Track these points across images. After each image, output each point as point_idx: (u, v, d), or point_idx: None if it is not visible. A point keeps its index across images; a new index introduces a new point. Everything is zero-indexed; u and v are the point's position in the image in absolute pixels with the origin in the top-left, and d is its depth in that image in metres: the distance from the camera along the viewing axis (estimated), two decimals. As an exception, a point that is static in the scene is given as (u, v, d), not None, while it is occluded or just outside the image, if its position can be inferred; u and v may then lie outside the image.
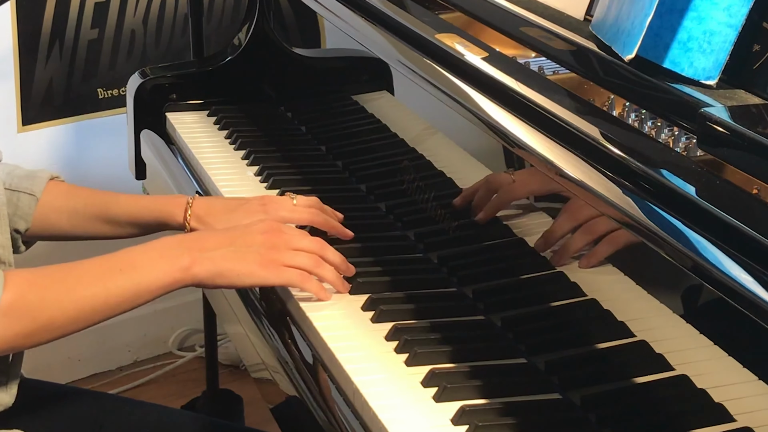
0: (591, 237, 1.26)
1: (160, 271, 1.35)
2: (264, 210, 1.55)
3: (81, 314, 1.32)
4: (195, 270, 1.36)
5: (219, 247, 1.38)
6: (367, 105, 1.88)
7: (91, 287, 1.33)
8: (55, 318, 1.31)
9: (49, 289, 1.32)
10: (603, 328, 1.24)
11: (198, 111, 2.11)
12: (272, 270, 1.38)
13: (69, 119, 2.68)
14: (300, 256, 1.40)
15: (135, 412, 1.65)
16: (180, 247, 1.37)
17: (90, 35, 2.65)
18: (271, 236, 1.41)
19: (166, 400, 2.56)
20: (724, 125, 1.10)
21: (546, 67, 1.44)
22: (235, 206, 1.57)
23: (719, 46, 1.21)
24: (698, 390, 1.11)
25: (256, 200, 1.58)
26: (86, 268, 1.36)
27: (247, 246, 1.39)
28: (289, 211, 1.56)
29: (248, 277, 1.38)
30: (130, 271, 1.35)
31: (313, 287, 1.40)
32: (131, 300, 1.35)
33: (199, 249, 1.37)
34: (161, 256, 1.36)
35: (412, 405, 1.21)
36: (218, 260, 1.37)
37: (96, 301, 1.33)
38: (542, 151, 1.28)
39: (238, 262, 1.38)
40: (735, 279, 0.99)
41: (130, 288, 1.34)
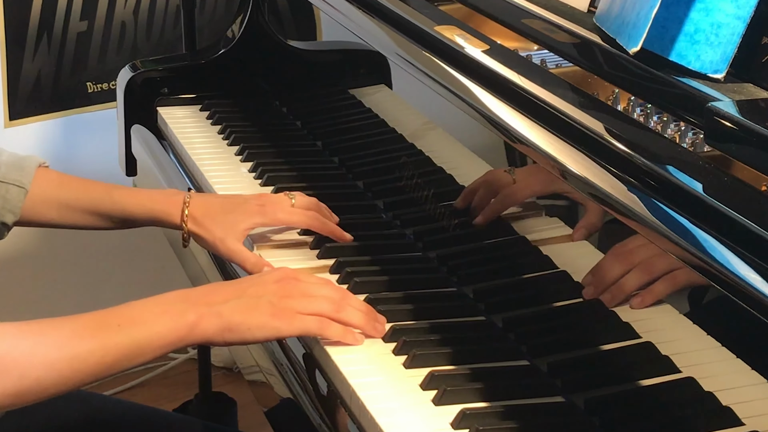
0: (648, 276, 1.20)
1: (163, 327, 1.26)
2: (262, 212, 1.55)
3: (72, 374, 1.23)
4: (202, 326, 1.27)
5: (227, 300, 1.29)
6: (364, 99, 1.88)
7: (85, 344, 1.23)
8: (43, 378, 1.21)
9: (37, 345, 1.22)
10: (607, 330, 1.24)
11: (190, 105, 2.11)
12: (285, 319, 1.29)
13: (57, 114, 2.68)
14: (318, 301, 1.31)
15: (126, 415, 1.65)
16: (185, 302, 1.29)
17: (79, 27, 2.64)
18: (285, 284, 1.32)
19: (158, 402, 2.56)
20: (732, 120, 1.10)
21: (549, 60, 1.44)
22: (233, 207, 1.56)
23: (727, 38, 1.21)
24: (705, 393, 1.11)
25: (254, 200, 1.58)
26: (80, 323, 1.26)
27: (258, 296, 1.30)
28: (287, 214, 1.56)
29: (259, 330, 1.29)
30: (129, 327, 1.25)
31: (335, 332, 1.30)
32: (129, 359, 1.25)
33: (206, 303, 1.28)
34: (164, 311, 1.27)
35: (411, 408, 1.21)
36: (226, 314, 1.28)
37: (91, 359, 1.23)
38: (544, 147, 1.28)
39: (249, 314, 1.29)
40: (743, 278, 0.99)
41: (129, 345, 1.25)
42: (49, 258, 2.70)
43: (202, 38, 2.44)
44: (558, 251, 1.34)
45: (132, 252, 2.79)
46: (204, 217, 1.55)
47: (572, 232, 1.30)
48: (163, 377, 2.88)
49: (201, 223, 1.54)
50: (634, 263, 1.20)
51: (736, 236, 1.01)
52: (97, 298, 2.79)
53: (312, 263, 1.53)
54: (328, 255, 1.54)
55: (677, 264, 1.08)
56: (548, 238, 1.37)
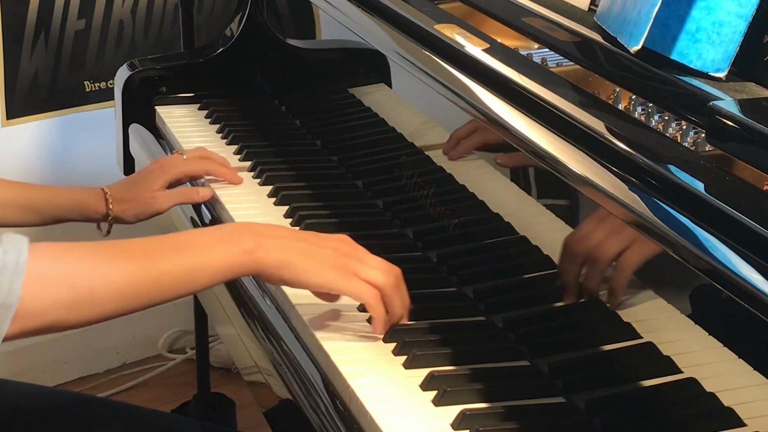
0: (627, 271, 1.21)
1: (220, 251, 1.24)
2: (163, 170, 1.72)
3: (128, 289, 1.19)
4: (259, 254, 1.25)
5: (289, 238, 1.29)
6: (363, 98, 1.88)
7: (139, 261, 1.20)
8: (96, 288, 1.17)
9: (85, 258, 1.18)
10: (608, 330, 1.24)
11: (188, 104, 2.11)
12: (344, 275, 1.28)
13: (55, 113, 2.68)
14: (377, 272, 1.30)
15: (123, 416, 1.65)
16: (244, 231, 1.29)
17: (77, 26, 2.64)
18: (345, 244, 1.32)
19: (156, 403, 2.56)
20: (733, 119, 1.10)
21: (549, 59, 1.44)
22: (140, 178, 1.74)
23: (729, 37, 1.21)
24: (707, 393, 1.11)
25: (152, 164, 1.76)
26: (131, 243, 1.23)
27: (321, 246, 1.29)
28: (184, 165, 1.74)
29: (317, 276, 1.27)
30: (184, 250, 1.24)
31: (379, 314, 1.30)
32: (186, 282, 1.23)
33: (266, 235, 1.28)
34: (221, 239, 1.27)
35: (411, 409, 1.21)
36: (288, 250, 1.27)
37: (145, 276, 1.20)
38: (545, 146, 1.28)
39: (309, 256, 1.27)
40: (745, 278, 0.99)
41: (185, 267, 1.22)
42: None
43: (200, 37, 2.44)
44: (559, 251, 1.34)
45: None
46: (124, 194, 1.70)
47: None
48: (162, 378, 2.88)
49: (124, 199, 1.69)
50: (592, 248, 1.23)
51: (737, 236, 1.01)
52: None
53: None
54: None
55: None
56: (549, 237, 1.37)
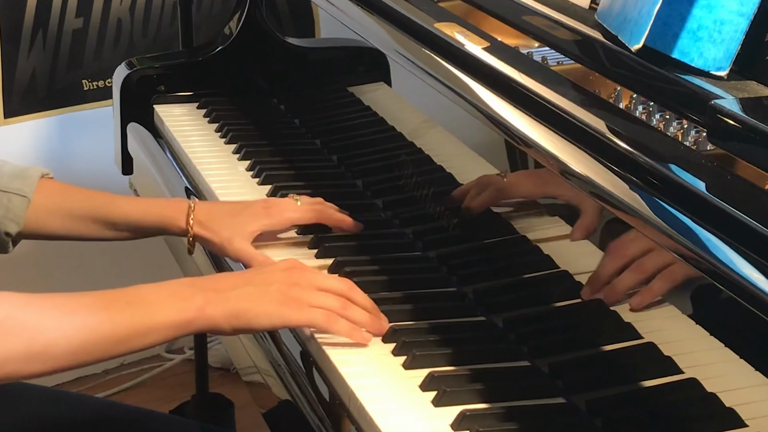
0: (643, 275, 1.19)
1: (171, 309, 1.26)
2: (268, 213, 1.56)
3: (83, 344, 1.22)
4: (209, 311, 1.27)
5: (235, 287, 1.30)
6: (363, 97, 1.88)
7: (94, 316, 1.23)
8: (52, 344, 1.20)
9: (47, 311, 1.22)
10: (609, 330, 1.23)
11: (187, 103, 2.11)
12: (294, 307, 1.30)
13: (53, 112, 2.68)
14: (325, 296, 1.32)
15: (121, 417, 1.65)
16: (193, 286, 1.30)
17: (75, 24, 2.64)
18: (292, 273, 1.33)
19: (154, 404, 2.56)
20: (735, 118, 1.10)
21: (550, 57, 1.44)
22: (239, 210, 1.58)
23: (730, 35, 1.21)
24: (708, 394, 1.10)
25: (260, 203, 1.60)
26: (88, 297, 1.26)
27: (266, 284, 1.31)
28: (293, 211, 1.58)
29: (267, 318, 1.29)
30: (137, 306, 1.26)
31: (342, 328, 1.31)
32: (140, 337, 1.25)
33: (214, 289, 1.29)
34: (171, 293, 1.28)
35: (411, 409, 1.21)
36: (233, 300, 1.28)
37: (100, 331, 1.23)
38: (546, 145, 1.28)
39: (257, 301, 1.29)
40: (746, 278, 0.99)
41: (139, 322, 1.25)
42: (44, 258, 2.70)
43: (199, 35, 2.44)
44: (559, 251, 1.34)
45: (128, 251, 2.79)
46: (210, 221, 1.55)
47: (571, 231, 1.30)
48: (160, 378, 2.88)
49: (207, 226, 1.55)
50: (630, 260, 1.19)
51: (739, 235, 1.01)
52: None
53: (310, 262, 1.53)
54: (326, 254, 1.54)
55: (673, 260, 1.08)
56: (549, 237, 1.37)
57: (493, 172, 1.46)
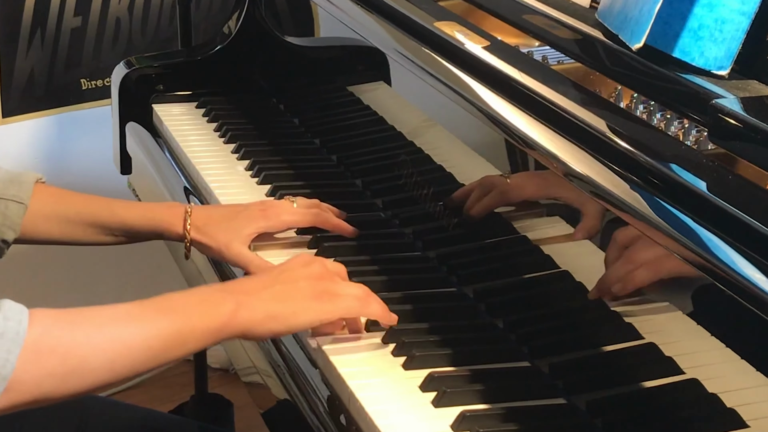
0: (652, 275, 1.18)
1: (203, 315, 1.22)
2: (264, 215, 1.56)
3: (118, 357, 1.18)
4: (242, 314, 1.23)
5: (263, 289, 1.27)
6: (363, 96, 1.88)
7: (128, 327, 1.19)
8: (88, 358, 1.17)
9: (78, 326, 1.18)
10: (610, 330, 1.23)
11: (186, 102, 2.11)
12: (327, 300, 1.27)
13: (51, 111, 2.68)
14: (349, 286, 1.32)
15: (121, 416, 1.65)
16: (222, 291, 1.27)
17: (73, 23, 2.64)
18: (313, 267, 1.31)
19: (153, 404, 2.55)
20: (736, 117, 1.10)
21: (550, 56, 1.44)
22: (235, 213, 1.57)
23: (731, 34, 1.20)
24: (709, 394, 1.10)
25: (256, 206, 1.59)
26: (119, 309, 1.22)
27: (293, 281, 1.28)
28: (290, 214, 1.57)
29: (305, 314, 1.26)
30: (168, 314, 1.22)
31: (376, 310, 1.30)
32: (173, 347, 1.21)
33: (245, 292, 1.26)
34: (202, 300, 1.24)
35: (411, 410, 1.21)
36: (268, 301, 1.25)
37: (135, 342, 1.19)
38: (546, 145, 1.28)
39: (290, 300, 1.26)
40: (747, 278, 0.99)
41: (171, 333, 1.20)
42: (42, 259, 2.70)
43: (198, 34, 2.44)
44: (560, 251, 1.34)
45: (127, 252, 2.78)
46: (206, 226, 1.55)
47: (573, 232, 1.30)
48: (159, 378, 2.87)
49: (204, 231, 1.54)
50: (635, 261, 1.19)
51: (740, 235, 1.01)
52: (90, 297, 2.79)
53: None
54: (325, 254, 1.54)
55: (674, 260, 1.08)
56: (550, 237, 1.37)
57: (493, 171, 1.46)
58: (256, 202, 1.63)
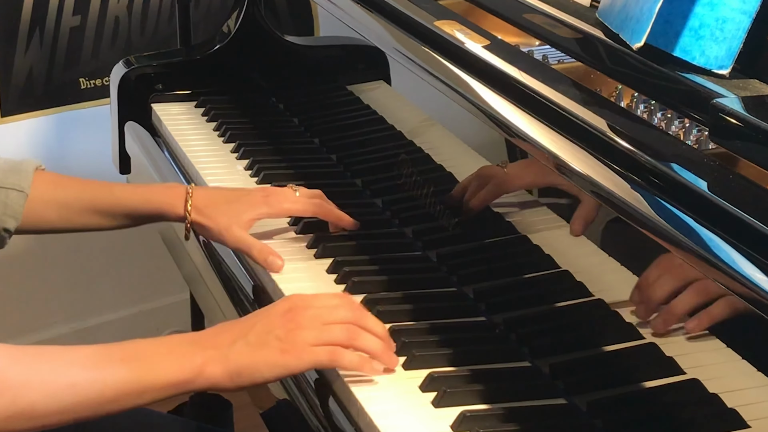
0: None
1: (169, 367, 1.21)
2: (267, 202, 1.56)
3: (70, 404, 1.18)
4: (209, 371, 1.22)
5: (234, 341, 1.24)
6: (362, 95, 1.88)
7: (85, 373, 1.19)
8: (37, 403, 1.16)
9: (34, 369, 1.17)
10: (610, 330, 1.23)
11: (185, 102, 2.11)
12: (295, 354, 1.23)
13: (50, 110, 2.68)
14: (331, 330, 1.25)
15: (120, 416, 1.64)
16: (192, 344, 1.24)
17: (72, 22, 2.64)
18: (294, 315, 1.26)
19: (153, 404, 2.55)
20: (737, 117, 1.10)
21: (550, 55, 1.44)
22: (237, 197, 1.57)
23: (732, 33, 1.20)
24: (710, 395, 1.10)
25: (258, 191, 1.59)
26: (81, 352, 1.21)
27: (267, 332, 1.24)
28: (292, 203, 1.57)
29: (269, 370, 1.23)
30: (132, 363, 1.20)
31: (350, 362, 1.25)
32: (132, 396, 1.21)
33: (213, 346, 1.23)
34: (170, 351, 1.23)
35: (411, 410, 1.21)
36: (234, 357, 1.23)
37: (89, 390, 1.18)
38: (546, 144, 1.27)
39: (256, 354, 1.23)
40: (749, 278, 0.99)
41: (132, 381, 1.20)
42: (41, 257, 2.70)
43: (197, 33, 2.43)
44: (560, 250, 1.34)
45: (126, 251, 2.79)
46: (207, 207, 1.54)
47: (570, 222, 1.29)
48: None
49: (205, 212, 1.54)
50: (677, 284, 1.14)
51: (741, 235, 1.01)
52: (90, 297, 2.79)
53: (309, 262, 1.53)
54: (325, 254, 1.54)
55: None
56: (550, 236, 1.37)
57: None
58: (258, 187, 1.63)
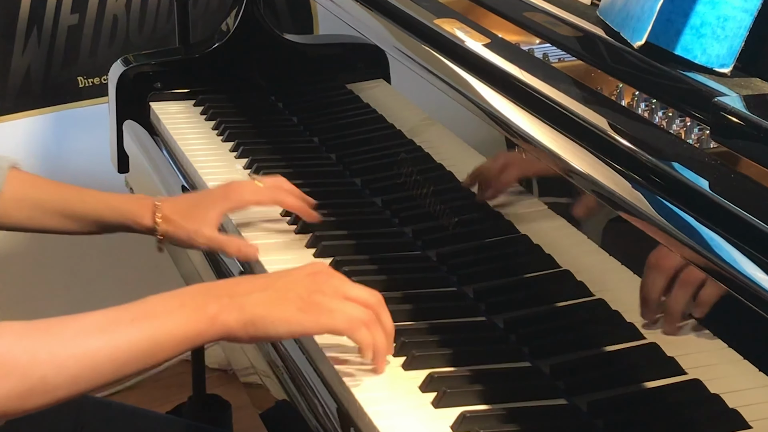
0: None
1: (181, 320, 1.19)
2: (226, 197, 1.59)
3: (81, 372, 1.16)
4: (223, 318, 1.20)
5: (252, 292, 1.23)
6: (362, 94, 1.88)
7: (93, 340, 1.17)
8: (48, 376, 1.15)
9: (41, 342, 1.16)
10: (611, 330, 1.23)
11: (184, 100, 2.11)
12: (313, 314, 1.22)
13: (48, 109, 2.68)
14: (351, 305, 1.24)
15: (118, 417, 1.65)
16: (206, 294, 1.23)
17: (70, 20, 2.64)
18: (317, 277, 1.26)
19: (151, 405, 2.55)
20: (738, 115, 1.10)
21: (551, 54, 1.44)
22: (198, 200, 1.61)
23: (734, 31, 1.20)
24: (711, 395, 1.10)
25: (218, 188, 1.63)
26: (89, 319, 1.19)
27: (287, 289, 1.23)
28: (252, 194, 1.60)
29: (283, 324, 1.22)
30: (143, 321, 1.19)
31: (364, 337, 1.23)
32: (144, 356, 1.19)
33: (228, 295, 1.22)
34: (182, 304, 1.21)
35: (410, 411, 1.21)
36: (249, 306, 1.21)
37: (99, 356, 1.16)
38: (547, 143, 1.28)
39: (274, 307, 1.22)
40: (750, 278, 0.99)
41: (143, 340, 1.18)
42: (39, 257, 2.70)
43: (195, 32, 2.43)
44: (561, 250, 1.34)
45: (125, 250, 2.79)
46: (174, 215, 1.57)
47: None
48: (156, 379, 2.87)
49: (172, 221, 1.57)
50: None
51: (743, 234, 1.01)
52: (88, 298, 2.78)
53: (308, 262, 1.53)
54: (324, 253, 1.54)
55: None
56: (550, 235, 1.37)
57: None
58: (219, 185, 1.65)
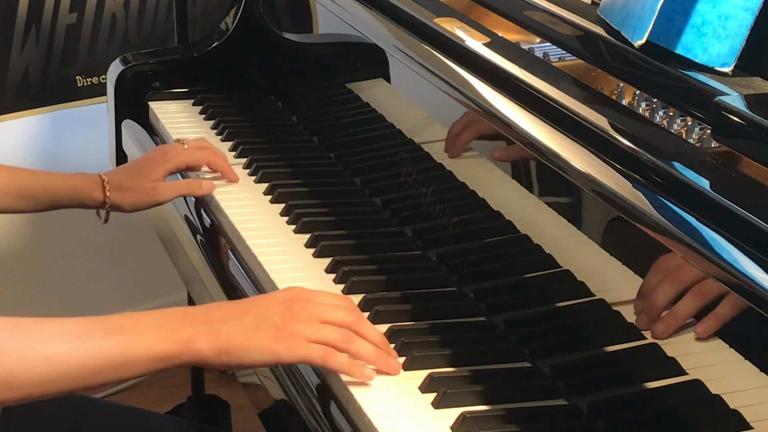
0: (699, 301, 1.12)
1: (155, 340, 1.20)
2: (165, 158, 1.74)
3: (50, 375, 1.16)
4: (197, 345, 1.21)
5: (228, 320, 1.24)
6: (362, 93, 1.88)
7: (65, 345, 1.18)
8: (15, 373, 1.15)
9: (12, 338, 1.16)
10: (611, 330, 1.23)
11: (182, 100, 2.11)
12: (287, 343, 1.23)
13: (46, 108, 2.68)
14: (326, 329, 1.25)
15: (117, 417, 1.65)
16: (182, 317, 1.24)
17: (68, 19, 2.64)
18: (293, 305, 1.26)
19: (150, 405, 2.55)
20: (739, 115, 1.10)
21: (551, 53, 1.44)
22: (140, 165, 1.75)
23: (735, 30, 1.20)
24: (712, 396, 1.10)
25: (153, 152, 1.78)
26: (65, 324, 1.20)
27: (262, 318, 1.24)
28: (185, 155, 1.76)
29: (258, 354, 1.23)
30: (118, 335, 1.20)
31: (340, 364, 1.24)
32: (114, 369, 1.19)
33: (205, 322, 1.23)
34: (159, 324, 1.22)
35: (410, 411, 1.21)
36: (225, 334, 1.22)
37: (69, 362, 1.17)
38: (547, 142, 1.28)
39: (249, 336, 1.23)
40: (751, 278, 0.99)
41: (115, 354, 1.19)
42: (37, 255, 2.70)
43: (194, 31, 2.43)
44: (561, 249, 1.34)
45: (123, 250, 2.79)
46: (123, 182, 1.71)
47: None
48: (156, 379, 2.87)
49: (123, 187, 1.71)
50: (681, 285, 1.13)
51: (744, 234, 1.01)
52: (86, 297, 2.78)
53: (308, 262, 1.53)
54: (324, 253, 1.54)
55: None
56: (551, 235, 1.37)
57: (493, 168, 1.46)
58: (151, 150, 1.81)
